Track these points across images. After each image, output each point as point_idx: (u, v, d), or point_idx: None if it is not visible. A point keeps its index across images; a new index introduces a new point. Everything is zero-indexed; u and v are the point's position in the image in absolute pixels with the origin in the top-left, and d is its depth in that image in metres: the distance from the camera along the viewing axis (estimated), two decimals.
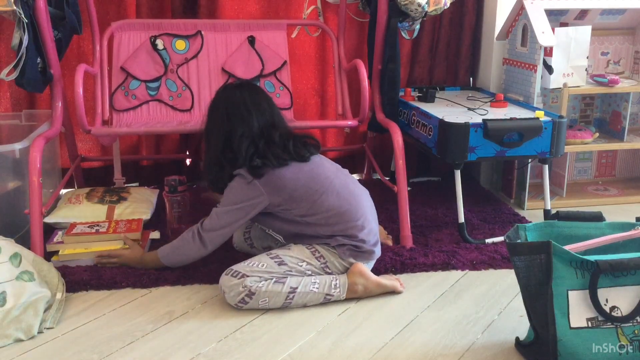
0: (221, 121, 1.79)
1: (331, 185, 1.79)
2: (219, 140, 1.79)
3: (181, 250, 1.83)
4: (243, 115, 1.78)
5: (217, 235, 1.79)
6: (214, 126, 1.82)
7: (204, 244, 1.79)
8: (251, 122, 1.78)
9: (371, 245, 1.81)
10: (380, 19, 2.25)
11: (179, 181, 1.98)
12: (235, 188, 1.77)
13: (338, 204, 1.78)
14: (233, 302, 1.70)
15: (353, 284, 1.75)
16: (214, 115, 1.82)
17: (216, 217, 1.78)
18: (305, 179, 1.77)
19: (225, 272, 1.74)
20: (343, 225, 1.77)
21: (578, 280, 1.35)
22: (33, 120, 2.41)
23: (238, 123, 1.78)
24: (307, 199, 1.76)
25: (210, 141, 1.83)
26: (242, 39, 2.49)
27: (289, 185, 1.75)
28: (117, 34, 2.41)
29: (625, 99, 2.59)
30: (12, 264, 1.63)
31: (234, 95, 1.82)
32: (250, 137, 1.77)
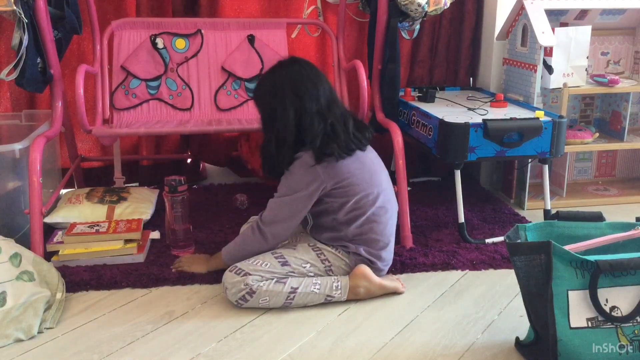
0: (289, 99, 1.71)
1: (378, 195, 1.77)
2: (288, 120, 1.71)
3: (244, 246, 1.78)
4: (311, 91, 1.72)
5: (280, 229, 1.74)
6: (279, 105, 1.72)
7: (265, 238, 1.74)
8: (319, 97, 1.72)
9: (385, 265, 1.82)
10: (380, 19, 2.24)
11: (179, 181, 1.98)
12: (295, 174, 1.72)
13: (378, 213, 1.77)
14: (234, 299, 1.70)
15: (355, 286, 1.74)
16: (278, 93, 1.72)
17: (276, 208, 1.73)
18: (361, 178, 1.75)
19: (229, 268, 1.74)
20: (373, 235, 1.76)
21: (578, 280, 1.35)
22: (33, 120, 2.41)
23: (307, 99, 1.71)
24: (356, 199, 1.73)
25: (277, 122, 1.73)
26: (242, 38, 2.49)
27: (347, 178, 1.72)
28: (117, 32, 2.41)
29: (625, 99, 2.59)
30: (12, 264, 1.63)
31: (297, 71, 1.75)
32: (321, 114, 1.71)
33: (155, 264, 1.95)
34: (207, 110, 2.43)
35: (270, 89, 1.75)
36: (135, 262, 1.96)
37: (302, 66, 1.77)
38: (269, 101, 1.75)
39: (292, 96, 1.71)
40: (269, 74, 1.79)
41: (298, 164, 1.71)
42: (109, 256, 1.95)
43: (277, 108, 1.73)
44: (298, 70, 1.75)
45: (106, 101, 2.40)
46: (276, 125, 1.73)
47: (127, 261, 1.96)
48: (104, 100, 2.40)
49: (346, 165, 1.73)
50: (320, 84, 1.75)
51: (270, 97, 1.75)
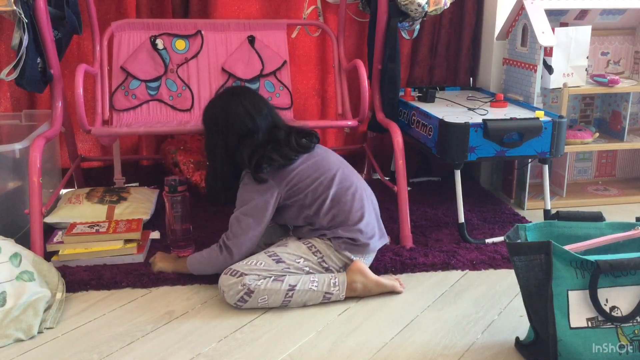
0: (224, 133, 1.79)
1: (333, 176, 1.81)
2: (225, 152, 1.80)
3: (209, 263, 1.81)
4: (246, 125, 1.78)
5: (243, 241, 1.78)
6: (216, 139, 1.81)
7: (231, 253, 1.77)
8: (255, 129, 1.79)
9: (367, 238, 1.81)
10: (380, 19, 2.24)
11: (179, 181, 1.98)
12: (246, 188, 1.79)
13: (340, 193, 1.80)
14: (232, 301, 1.70)
15: (352, 282, 1.75)
16: (215, 127, 1.81)
17: (237, 222, 1.78)
18: (309, 169, 1.80)
19: (224, 271, 1.74)
20: (344, 215, 1.79)
21: (578, 280, 1.35)
22: (33, 120, 2.41)
23: (242, 133, 1.78)
24: (312, 189, 1.78)
25: (215, 154, 1.82)
26: (242, 39, 2.49)
27: (295, 176, 1.78)
28: (117, 33, 2.41)
29: (625, 99, 2.59)
30: (12, 264, 1.63)
31: (233, 105, 1.81)
32: (255, 145, 1.78)
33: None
34: None
35: (208, 125, 1.84)
36: (135, 262, 1.96)
37: (240, 99, 1.82)
38: (207, 136, 1.85)
39: (226, 130, 1.79)
40: (208, 108, 1.86)
41: (245, 181, 1.79)
42: (109, 256, 1.95)
43: (214, 144, 1.82)
44: (235, 104, 1.80)
45: (106, 102, 2.40)
46: (215, 160, 1.83)
47: (127, 261, 1.96)
48: (104, 101, 2.39)
49: (291, 166, 1.79)
50: (256, 116, 1.80)
51: (208, 134, 1.84)
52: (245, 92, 1.89)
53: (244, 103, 1.81)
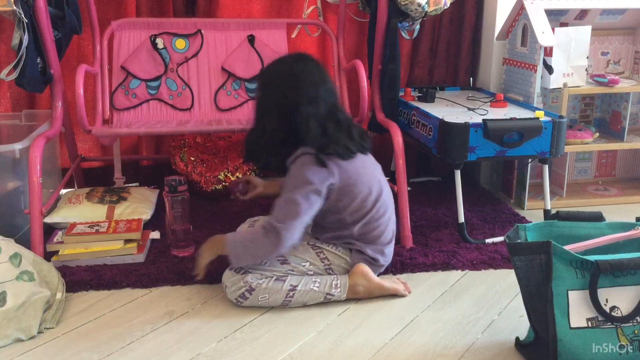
0: (286, 94, 1.67)
1: (381, 191, 1.78)
2: (276, 117, 1.68)
3: (254, 248, 1.67)
4: (309, 93, 1.67)
5: (295, 226, 1.63)
6: (275, 98, 1.68)
7: (280, 238, 1.62)
8: (318, 100, 1.67)
9: (386, 260, 1.83)
10: (380, 19, 2.24)
11: (179, 181, 1.98)
12: (303, 169, 1.65)
13: (382, 211, 1.77)
14: (233, 297, 1.70)
15: (354, 284, 1.75)
16: (277, 85, 1.68)
17: (290, 204, 1.63)
18: (365, 174, 1.75)
19: (229, 267, 1.73)
20: (377, 234, 1.77)
21: (578, 280, 1.35)
22: (33, 120, 2.41)
23: (306, 99, 1.66)
24: (362, 197, 1.73)
25: (269, 113, 1.70)
26: (242, 38, 2.49)
27: (352, 175, 1.71)
28: (117, 33, 2.41)
29: (625, 99, 2.59)
30: (12, 264, 1.63)
31: (299, 70, 1.69)
32: (319, 117, 1.67)
33: (155, 264, 1.95)
34: (207, 110, 2.43)
35: (268, 81, 1.73)
36: (135, 262, 1.96)
37: (306, 66, 1.71)
38: (264, 93, 1.74)
39: (289, 95, 1.67)
40: (272, 66, 1.75)
41: (305, 160, 1.67)
42: (109, 256, 1.95)
43: (269, 102, 1.71)
44: (300, 70, 1.70)
45: (106, 101, 2.40)
46: (265, 120, 1.71)
47: (127, 261, 1.96)
48: (104, 101, 2.40)
49: (352, 164, 1.72)
50: (321, 86, 1.70)
51: (266, 90, 1.73)
52: (312, 62, 1.75)
53: (312, 68, 1.71)
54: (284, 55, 1.77)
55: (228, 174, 2.50)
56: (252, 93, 2.46)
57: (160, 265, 1.93)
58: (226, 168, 2.51)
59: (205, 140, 2.56)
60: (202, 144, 2.56)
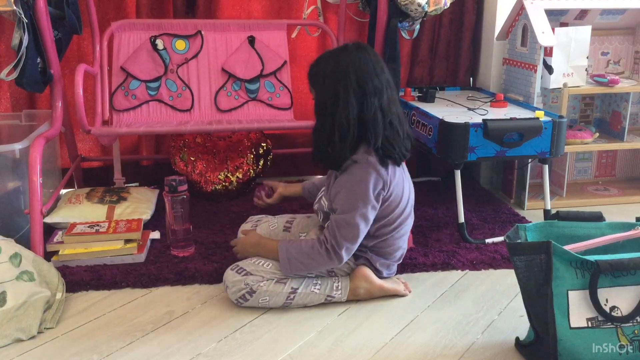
0: (353, 89, 1.58)
1: (410, 204, 1.75)
2: (350, 111, 1.59)
3: (309, 265, 1.68)
4: (376, 84, 1.60)
5: (355, 247, 1.65)
6: (343, 93, 1.58)
7: (340, 258, 1.64)
8: (382, 92, 1.61)
9: (389, 274, 1.82)
10: (380, 19, 2.24)
11: (179, 181, 1.98)
12: (361, 182, 1.60)
13: (406, 228, 1.76)
14: (234, 297, 1.70)
15: (356, 287, 1.74)
16: (342, 80, 1.59)
17: (352, 227, 1.61)
18: (405, 186, 1.72)
19: (230, 267, 1.73)
20: (392, 249, 1.76)
21: (578, 280, 1.35)
22: (33, 120, 2.41)
23: (372, 92, 1.59)
24: (397, 211, 1.70)
25: (338, 111, 1.59)
26: (242, 39, 2.49)
27: (397, 188, 1.67)
28: (117, 33, 2.41)
29: (625, 99, 2.59)
30: (12, 264, 1.63)
31: (364, 60, 1.61)
32: (383, 110, 1.60)
33: (155, 264, 1.95)
34: (207, 111, 2.43)
35: (334, 72, 1.61)
36: (135, 262, 1.95)
37: (369, 54, 1.63)
38: (332, 86, 1.61)
39: (356, 86, 1.59)
40: (332, 55, 1.65)
41: (362, 170, 1.60)
42: (109, 256, 1.95)
43: (339, 96, 1.59)
44: (366, 59, 1.61)
45: (106, 102, 2.40)
46: (337, 115, 1.60)
47: (127, 261, 1.96)
48: (104, 101, 2.40)
49: (398, 172, 1.67)
50: (384, 77, 1.63)
51: (334, 82, 1.60)
52: (372, 49, 1.68)
53: (373, 59, 1.62)
54: (341, 46, 1.69)
55: (228, 174, 2.50)
56: (253, 94, 2.46)
57: (160, 265, 1.93)
58: (226, 168, 2.50)
59: (205, 140, 2.56)
60: (202, 144, 2.56)
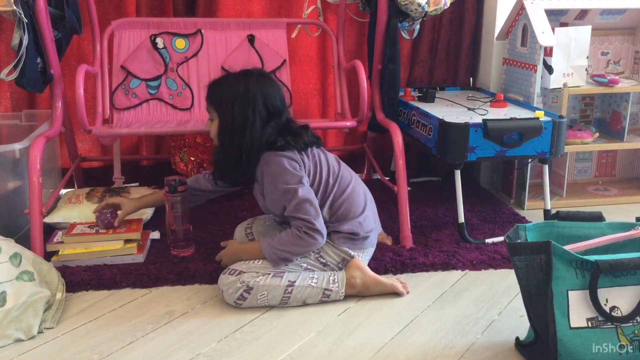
0: (259, 109, 1.75)
1: (339, 171, 1.83)
2: (257, 129, 1.75)
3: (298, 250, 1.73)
4: (277, 104, 1.79)
5: (319, 216, 1.73)
6: (252, 114, 1.75)
7: (321, 232, 1.72)
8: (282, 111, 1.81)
9: (366, 232, 1.82)
10: (380, 19, 2.24)
11: (179, 181, 1.98)
12: (281, 164, 1.74)
13: (343, 187, 1.82)
14: (231, 300, 1.70)
15: (351, 277, 1.76)
16: (251, 103, 1.75)
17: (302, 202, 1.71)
18: (320, 162, 1.82)
19: (223, 271, 1.74)
20: (346, 209, 1.80)
21: (578, 280, 1.35)
22: (33, 120, 2.41)
23: (275, 111, 1.78)
24: (323, 181, 1.79)
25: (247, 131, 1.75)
26: (242, 38, 2.49)
27: (314, 163, 1.80)
28: (117, 32, 2.41)
29: (625, 99, 2.59)
30: (12, 264, 1.63)
31: (264, 82, 1.79)
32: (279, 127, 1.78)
33: (155, 264, 1.95)
34: None
35: (244, 97, 1.75)
36: (135, 262, 1.96)
37: (265, 77, 1.82)
38: (241, 110, 1.75)
39: (263, 110, 1.76)
40: (238, 80, 1.79)
41: (273, 159, 1.75)
42: (109, 256, 1.95)
43: (248, 119, 1.74)
44: (270, 84, 1.81)
45: (106, 101, 2.40)
46: (247, 137, 1.74)
47: (127, 261, 1.96)
48: (104, 100, 2.40)
49: (310, 154, 1.82)
50: (280, 94, 1.82)
51: (243, 107, 1.75)
52: (266, 72, 1.89)
53: (270, 80, 1.82)
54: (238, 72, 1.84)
55: None
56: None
57: (160, 265, 1.94)
58: None
59: (205, 140, 2.56)
60: (202, 144, 2.56)
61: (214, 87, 1.82)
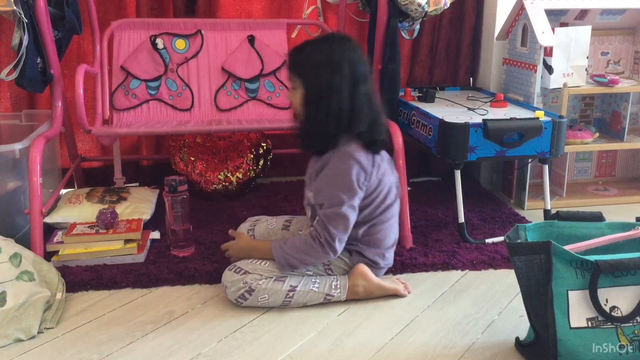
0: (347, 77, 1.62)
1: (392, 200, 1.77)
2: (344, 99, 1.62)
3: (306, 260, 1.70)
4: (365, 72, 1.65)
5: (346, 237, 1.69)
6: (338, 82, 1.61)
7: (335, 250, 1.68)
8: (368, 80, 1.66)
9: (386, 264, 1.83)
10: (380, 19, 2.24)
11: (179, 181, 1.98)
12: (352, 168, 1.64)
13: (391, 214, 1.77)
14: (233, 297, 1.70)
15: (354, 285, 1.74)
16: (336, 69, 1.62)
17: (341, 218, 1.65)
18: (388, 173, 1.75)
19: (228, 267, 1.74)
20: (381, 235, 1.76)
21: (578, 280, 1.35)
22: (33, 120, 2.41)
23: (362, 80, 1.64)
24: (380, 196, 1.72)
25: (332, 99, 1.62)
26: (242, 38, 2.49)
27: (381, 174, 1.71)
28: (117, 33, 2.41)
29: (625, 99, 2.59)
30: (12, 264, 1.63)
31: (352, 49, 1.66)
32: (368, 98, 1.65)
33: (155, 264, 1.95)
34: (207, 110, 2.43)
35: (327, 62, 1.63)
36: (135, 262, 1.96)
37: (354, 43, 1.68)
38: (326, 75, 1.62)
39: (349, 75, 1.63)
40: (320, 45, 1.67)
41: (344, 163, 1.64)
42: (109, 256, 1.95)
43: (334, 85, 1.62)
44: (353, 48, 1.66)
45: (106, 101, 2.40)
46: (332, 103, 1.62)
47: (127, 261, 1.96)
48: (104, 101, 2.40)
49: (380, 158, 1.71)
50: (367, 64, 1.69)
51: (327, 72, 1.62)
52: (355, 40, 1.72)
53: (358, 47, 1.67)
54: (325, 35, 1.73)
55: (228, 174, 2.50)
56: (253, 93, 2.46)
57: (160, 265, 1.93)
58: (226, 168, 2.50)
59: (205, 140, 2.56)
60: (202, 144, 2.56)
61: (296, 54, 1.70)
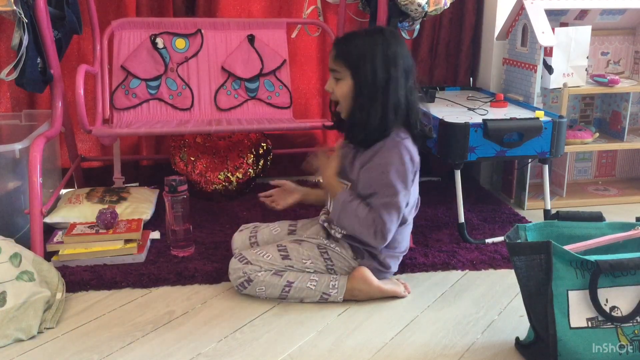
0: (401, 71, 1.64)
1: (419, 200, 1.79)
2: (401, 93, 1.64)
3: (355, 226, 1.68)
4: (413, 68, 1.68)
5: (394, 229, 1.68)
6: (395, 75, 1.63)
7: (385, 239, 1.66)
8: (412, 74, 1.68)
9: (394, 269, 1.83)
10: (380, 19, 2.24)
11: (179, 181, 1.98)
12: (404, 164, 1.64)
13: (410, 220, 1.78)
14: (235, 283, 1.76)
15: (352, 288, 1.74)
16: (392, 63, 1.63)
17: (396, 209, 1.64)
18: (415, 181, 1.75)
19: (234, 255, 1.78)
20: (399, 239, 1.77)
21: (578, 280, 1.35)
22: (33, 120, 2.41)
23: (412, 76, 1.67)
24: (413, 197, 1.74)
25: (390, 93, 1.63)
26: (241, 38, 2.49)
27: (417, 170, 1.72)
28: (117, 32, 2.41)
29: (625, 99, 2.59)
30: (12, 264, 1.63)
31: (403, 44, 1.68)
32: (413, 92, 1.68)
33: (155, 264, 1.95)
34: (207, 110, 2.43)
35: (385, 55, 1.63)
36: (135, 262, 1.96)
37: (398, 35, 1.71)
38: (383, 67, 1.63)
39: (402, 68, 1.65)
40: (374, 37, 1.66)
41: (398, 153, 1.63)
42: (109, 256, 1.95)
43: (391, 76, 1.63)
44: (403, 42, 1.69)
45: (106, 101, 2.40)
46: (391, 94, 1.63)
47: (127, 261, 1.96)
48: (104, 100, 2.40)
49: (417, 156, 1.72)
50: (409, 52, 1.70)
51: (385, 64, 1.63)
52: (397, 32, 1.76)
53: (403, 41, 1.70)
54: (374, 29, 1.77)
55: (228, 174, 2.50)
56: (252, 93, 2.47)
57: (160, 265, 1.94)
58: (226, 168, 2.51)
59: (205, 140, 2.56)
60: (202, 144, 2.56)
61: (345, 44, 1.68)
